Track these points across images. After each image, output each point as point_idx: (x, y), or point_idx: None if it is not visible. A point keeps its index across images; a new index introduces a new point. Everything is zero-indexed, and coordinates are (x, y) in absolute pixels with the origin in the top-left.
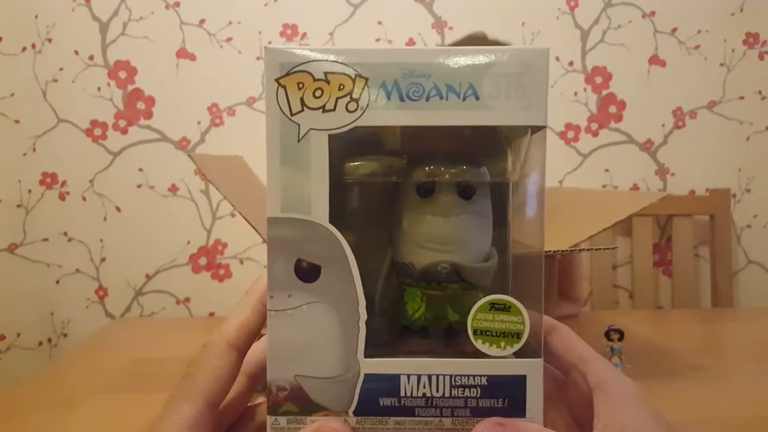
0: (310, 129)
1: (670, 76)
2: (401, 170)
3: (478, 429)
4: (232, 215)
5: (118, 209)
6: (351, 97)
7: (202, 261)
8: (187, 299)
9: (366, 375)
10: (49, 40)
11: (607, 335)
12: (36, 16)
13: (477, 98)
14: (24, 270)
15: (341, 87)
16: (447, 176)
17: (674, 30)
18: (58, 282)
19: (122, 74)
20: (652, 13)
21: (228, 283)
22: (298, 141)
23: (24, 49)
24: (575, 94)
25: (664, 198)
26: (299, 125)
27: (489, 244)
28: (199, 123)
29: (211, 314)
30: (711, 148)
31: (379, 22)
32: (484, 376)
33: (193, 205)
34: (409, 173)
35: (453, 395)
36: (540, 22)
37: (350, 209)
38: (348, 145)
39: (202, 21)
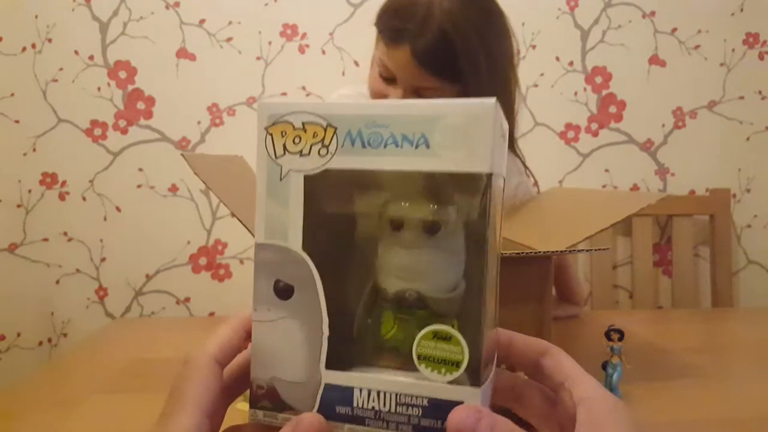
0: (290, 170)
1: (670, 76)
2: (381, 205)
3: (459, 412)
4: (232, 215)
5: (118, 209)
6: (323, 144)
7: (202, 261)
8: (187, 299)
9: (326, 384)
10: (49, 40)
11: (607, 335)
12: (36, 16)
13: (428, 147)
14: (24, 270)
15: (315, 135)
16: (414, 213)
17: (674, 30)
18: (58, 282)
19: (122, 74)
20: (652, 13)
21: (228, 283)
22: (280, 180)
23: (24, 49)
24: (575, 94)
25: (663, 198)
26: (281, 166)
27: (457, 276)
28: (199, 123)
29: (211, 314)
30: (711, 148)
31: None
32: (426, 397)
33: (193, 205)
34: (385, 208)
35: (398, 411)
36: (540, 22)
37: (344, 237)
38: (342, 181)
39: (202, 21)
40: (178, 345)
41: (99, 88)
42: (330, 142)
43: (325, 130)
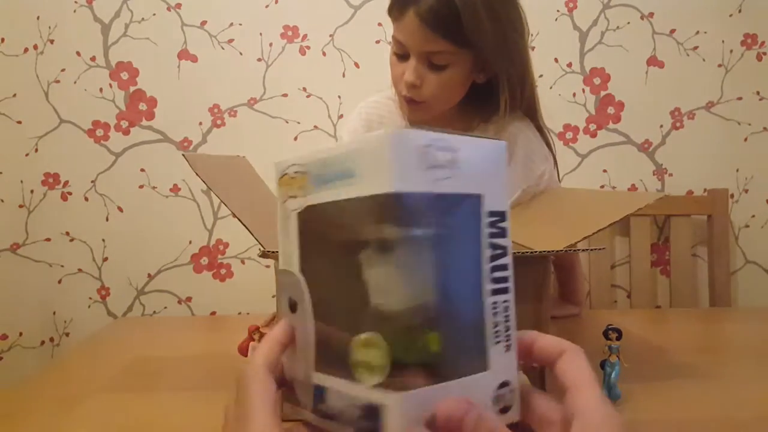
0: (290, 210)
1: (669, 77)
2: (346, 229)
3: (448, 402)
4: (233, 215)
5: (120, 209)
6: (301, 187)
7: (204, 261)
8: (189, 298)
9: (314, 384)
10: (51, 41)
11: (606, 334)
12: (38, 17)
13: (353, 176)
14: (26, 270)
15: (299, 181)
16: (371, 235)
17: (672, 31)
18: (60, 282)
19: (124, 75)
20: (651, 15)
21: (229, 282)
22: (287, 218)
23: (26, 50)
24: (573, 95)
25: (661, 198)
26: (287, 208)
27: (414, 289)
28: (200, 124)
29: (213, 313)
30: (709, 148)
31: (379, 24)
32: (361, 399)
33: (195, 206)
34: (349, 232)
35: (350, 412)
36: (539, 24)
37: (325, 259)
38: (317, 215)
39: (204, 22)
40: (179, 344)
41: (101, 89)
42: (305, 185)
43: (304, 175)
